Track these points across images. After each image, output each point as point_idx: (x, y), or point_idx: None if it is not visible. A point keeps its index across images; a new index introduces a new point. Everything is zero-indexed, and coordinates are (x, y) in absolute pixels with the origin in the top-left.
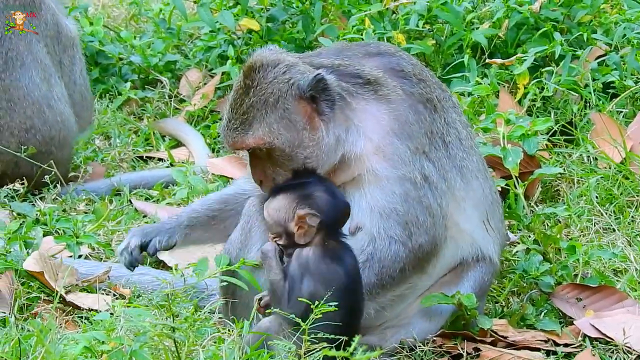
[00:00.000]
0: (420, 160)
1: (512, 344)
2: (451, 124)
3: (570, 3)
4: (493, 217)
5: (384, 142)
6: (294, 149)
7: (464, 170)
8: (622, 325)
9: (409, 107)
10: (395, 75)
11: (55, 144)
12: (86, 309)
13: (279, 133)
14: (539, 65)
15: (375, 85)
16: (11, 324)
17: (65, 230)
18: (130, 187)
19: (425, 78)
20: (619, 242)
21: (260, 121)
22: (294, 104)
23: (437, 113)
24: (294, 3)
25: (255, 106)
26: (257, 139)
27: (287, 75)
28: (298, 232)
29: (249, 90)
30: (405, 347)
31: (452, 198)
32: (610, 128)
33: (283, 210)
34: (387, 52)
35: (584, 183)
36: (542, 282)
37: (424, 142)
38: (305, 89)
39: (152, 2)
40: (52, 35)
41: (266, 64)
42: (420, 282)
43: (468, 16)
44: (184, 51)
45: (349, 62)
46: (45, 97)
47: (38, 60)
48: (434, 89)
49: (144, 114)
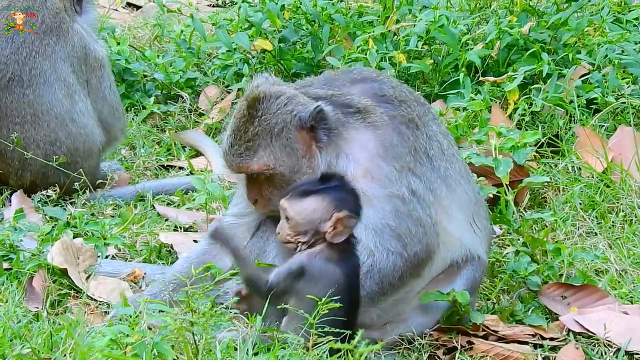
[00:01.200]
0: (407, 178)
1: (503, 338)
2: (433, 137)
3: (557, 26)
4: (478, 216)
5: (371, 165)
6: (293, 174)
7: (448, 179)
8: (603, 321)
9: (393, 130)
10: (379, 101)
11: (81, 155)
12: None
13: (282, 160)
14: (528, 82)
15: (365, 113)
16: (43, 318)
17: (93, 232)
18: (153, 193)
19: (405, 99)
20: (600, 244)
21: (265, 148)
22: (295, 134)
23: (419, 130)
24: (303, 25)
25: (260, 135)
26: (261, 165)
27: (289, 107)
28: (333, 232)
29: (253, 120)
30: (405, 341)
31: (440, 206)
32: (592, 141)
33: (319, 211)
34: (369, 77)
35: (568, 191)
36: (530, 281)
37: (409, 160)
38: (307, 120)
39: (174, 24)
40: (79, 56)
41: (269, 95)
42: (417, 284)
43: (463, 38)
44: (203, 69)
45: (340, 91)
46: (68, 111)
47: (62, 78)
48: (414, 108)
49: (166, 126)
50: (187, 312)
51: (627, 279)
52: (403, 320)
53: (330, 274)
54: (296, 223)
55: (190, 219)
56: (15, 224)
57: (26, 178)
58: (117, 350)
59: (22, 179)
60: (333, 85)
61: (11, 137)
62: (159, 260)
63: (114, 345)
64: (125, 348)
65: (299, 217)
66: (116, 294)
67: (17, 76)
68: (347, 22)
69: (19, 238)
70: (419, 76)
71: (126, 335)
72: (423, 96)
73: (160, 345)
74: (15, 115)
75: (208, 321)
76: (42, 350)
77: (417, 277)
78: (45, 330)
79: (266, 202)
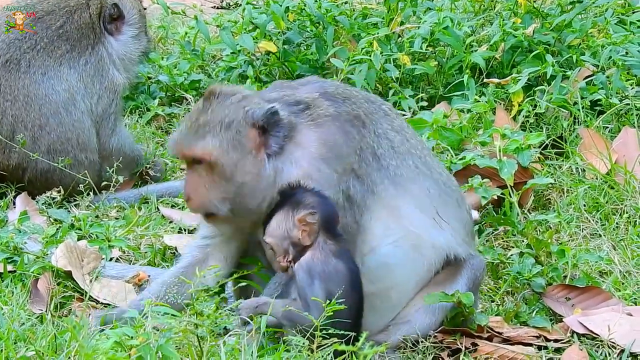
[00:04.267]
0: (347, 182)
1: (507, 340)
2: (382, 135)
3: (561, 28)
4: (445, 209)
5: (312, 168)
6: (235, 171)
7: (398, 178)
8: (607, 322)
9: (338, 129)
10: (324, 97)
11: (74, 145)
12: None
13: (227, 151)
14: (532, 84)
15: (313, 108)
16: (48, 320)
17: (97, 234)
18: (157, 195)
19: (349, 96)
20: (604, 246)
21: (213, 136)
22: (246, 130)
23: (365, 128)
24: (308, 27)
25: (210, 123)
26: (206, 150)
27: (243, 103)
28: (302, 235)
29: (206, 110)
30: (409, 342)
31: (386, 208)
32: (597, 142)
33: (283, 223)
34: (313, 80)
35: (572, 192)
36: (535, 282)
37: (353, 160)
38: (259, 118)
39: (178, 26)
40: (92, 75)
41: (225, 92)
42: (392, 293)
43: (467, 39)
44: (208, 71)
45: (290, 92)
46: (64, 102)
47: (64, 78)
48: (360, 105)
49: (170, 128)
50: (191, 315)
51: (631, 280)
52: (407, 322)
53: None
54: (274, 245)
55: (194, 221)
56: (20, 226)
57: (27, 172)
58: (121, 352)
59: (21, 173)
60: (284, 88)
61: (17, 139)
62: (163, 263)
63: (119, 348)
64: (130, 350)
65: (272, 239)
66: (120, 297)
67: (15, 60)
68: (351, 23)
69: (23, 240)
70: (424, 78)
71: (130, 338)
72: (427, 98)
73: (165, 347)
74: (8, 92)
75: (213, 324)
76: (46, 352)
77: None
78: (50, 333)
79: (200, 200)
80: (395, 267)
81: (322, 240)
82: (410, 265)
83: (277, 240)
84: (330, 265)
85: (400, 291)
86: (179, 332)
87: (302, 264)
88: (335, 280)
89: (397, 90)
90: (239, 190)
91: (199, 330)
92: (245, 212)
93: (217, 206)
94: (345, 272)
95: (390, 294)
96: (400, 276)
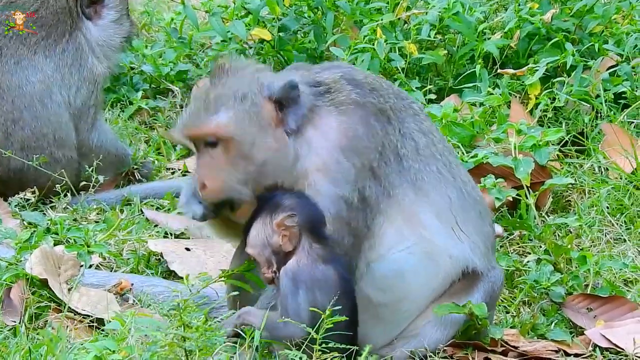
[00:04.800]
0: (363, 180)
1: (523, 354)
2: (407, 135)
3: (582, 14)
4: (465, 221)
5: (330, 159)
6: (253, 148)
7: (418, 183)
8: (632, 335)
9: (361, 120)
10: (349, 83)
11: (50, 141)
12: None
13: (243, 125)
14: (551, 75)
15: (334, 92)
16: (21, 333)
17: (76, 239)
18: (141, 197)
19: (377, 87)
20: (629, 252)
21: (227, 110)
22: (262, 102)
23: (390, 125)
24: (305, 13)
25: (222, 96)
26: (220, 125)
27: (257, 75)
28: (283, 241)
29: (216, 85)
30: (417, 357)
31: (402, 213)
32: (621, 138)
33: (261, 230)
34: (339, 65)
35: (595, 193)
36: (553, 292)
37: (373, 157)
38: (276, 91)
39: (163, 12)
40: (70, 64)
41: (235, 66)
42: (404, 304)
43: (480, 26)
44: (196, 61)
45: (309, 73)
46: (39, 94)
47: (39, 67)
48: (388, 99)
49: (155, 123)
50: (178, 326)
51: None
52: (415, 335)
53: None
54: (257, 255)
55: (181, 225)
56: None
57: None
58: None
59: None
60: (301, 69)
61: None
62: (147, 270)
63: None
64: None
65: (253, 250)
66: (101, 307)
67: None
68: (352, 9)
69: None
70: (432, 68)
71: (112, 352)
72: (436, 90)
73: None
74: None
75: (202, 336)
76: None
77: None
78: (24, 347)
79: (216, 185)
80: (409, 275)
81: (307, 245)
82: (424, 274)
83: (258, 250)
84: (318, 272)
85: (412, 302)
86: (165, 345)
87: (286, 270)
88: (323, 289)
89: (403, 81)
90: (261, 169)
91: (187, 343)
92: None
93: (239, 190)
94: (335, 278)
95: (401, 304)
96: (414, 285)
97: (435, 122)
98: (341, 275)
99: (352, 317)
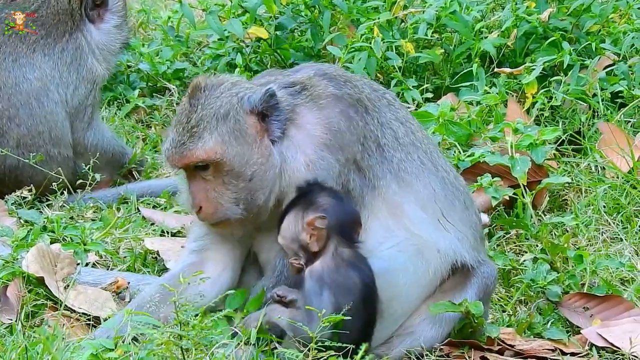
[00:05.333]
0: (348, 174)
1: (520, 353)
2: (385, 124)
3: (579, 13)
4: (451, 211)
5: (315, 156)
6: (243, 165)
7: (401, 173)
8: (629, 334)
9: (340, 114)
10: (323, 78)
11: (46, 140)
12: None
13: (231, 144)
14: (548, 74)
15: (310, 88)
16: (18, 331)
17: (72, 237)
18: (138, 195)
19: (350, 79)
20: (626, 251)
21: (211, 132)
22: (244, 117)
23: (369, 115)
24: (302, 11)
25: (204, 119)
26: (208, 150)
27: (234, 90)
28: (311, 240)
29: (195, 108)
30: (412, 356)
31: (384, 204)
32: (618, 137)
33: (292, 224)
34: (310, 64)
35: (591, 192)
36: (550, 291)
37: (356, 149)
38: (257, 103)
39: (160, 10)
40: (68, 63)
41: (211, 83)
42: (394, 303)
43: (477, 25)
44: (192, 59)
45: (282, 76)
46: (36, 92)
47: (37, 65)
48: (362, 89)
49: (152, 121)
50: (174, 325)
51: None
52: (410, 333)
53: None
54: (285, 246)
55: (178, 223)
56: None
57: None
58: None
59: None
60: (274, 74)
61: None
62: (144, 268)
63: None
64: None
65: (283, 240)
66: (97, 305)
67: None
68: (349, 7)
69: None
70: (429, 67)
71: (109, 350)
72: (433, 89)
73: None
74: None
75: (198, 334)
76: None
77: None
78: (20, 345)
79: (213, 208)
80: (397, 274)
81: (333, 247)
82: (413, 272)
83: (287, 241)
84: (340, 275)
85: (402, 301)
86: (162, 344)
87: (312, 272)
88: (344, 293)
89: (399, 80)
90: (250, 186)
91: (183, 342)
92: (255, 210)
93: (232, 209)
94: (357, 283)
95: (392, 304)
96: (403, 285)
97: (432, 120)
98: (364, 282)
99: (369, 322)
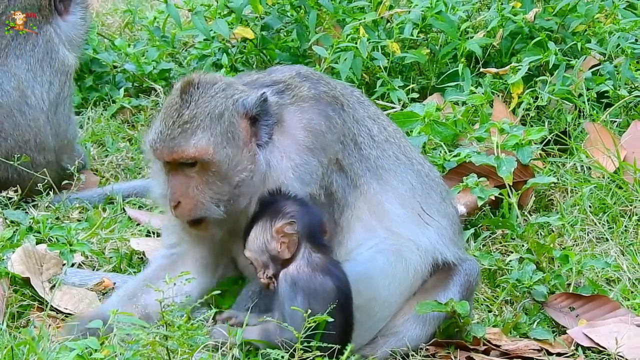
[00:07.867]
0: (330, 175)
1: (505, 353)
2: (360, 121)
3: (565, 13)
4: (429, 204)
5: (299, 160)
6: (231, 168)
7: (379, 170)
8: (614, 334)
9: (320, 114)
10: (302, 79)
11: (32, 148)
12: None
13: (222, 146)
14: (533, 74)
15: (293, 88)
16: (3, 331)
17: (58, 238)
18: (124, 195)
19: (322, 77)
20: (612, 251)
21: (204, 131)
22: (238, 120)
23: (345, 112)
24: (288, 12)
25: (198, 117)
26: (200, 148)
27: (229, 92)
28: (282, 248)
29: (188, 104)
30: (398, 356)
31: (365, 203)
32: (604, 137)
33: (260, 235)
34: (281, 66)
35: (577, 192)
36: (536, 291)
37: (337, 148)
38: (252, 108)
39: (146, 10)
40: (41, 58)
41: (205, 81)
42: (375, 305)
43: (462, 25)
44: (178, 59)
45: (263, 76)
46: (16, 103)
47: (12, 72)
48: (335, 86)
49: (137, 122)
50: (160, 325)
51: None
52: (395, 333)
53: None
54: (253, 259)
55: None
56: None
57: None
58: None
59: None
60: (254, 74)
61: None
62: (130, 269)
63: None
64: None
65: (251, 253)
66: (83, 306)
67: None
68: (335, 8)
69: None
70: (415, 67)
71: (95, 350)
72: (419, 89)
73: None
74: None
75: (184, 335)
76: None
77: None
78: (6, 345)
79: (192, 204)
80: (376, 277)
81: (307, 252)
82: (392, 274)
83: (255, 254)
84: (316, 282)
85: (383, 303)
86: (147, 344)
87: (286, 275)
88: (319, 299)
89: (385, 80)
90: (234, 190)
91: (169, 342)
92: (235, 214)
93: (212, 208)
94: (332, 290)
95: (372, 306)
96: (382, 288)
97: (417, 120)
98: (338, 287)
99: (345, 327)
